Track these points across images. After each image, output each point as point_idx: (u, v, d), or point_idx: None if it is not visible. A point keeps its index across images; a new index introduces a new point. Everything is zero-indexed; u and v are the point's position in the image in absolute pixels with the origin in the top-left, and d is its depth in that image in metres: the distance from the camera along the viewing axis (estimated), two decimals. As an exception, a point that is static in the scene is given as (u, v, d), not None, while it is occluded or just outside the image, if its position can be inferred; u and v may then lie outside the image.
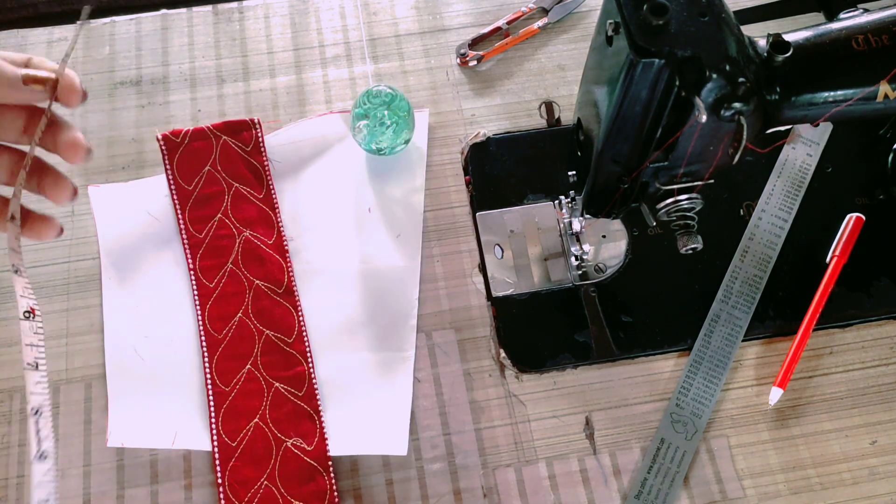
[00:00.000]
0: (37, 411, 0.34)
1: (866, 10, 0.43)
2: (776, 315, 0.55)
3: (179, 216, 0.57)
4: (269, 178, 0.59)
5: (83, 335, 0.54)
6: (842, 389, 0.53)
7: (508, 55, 0.65)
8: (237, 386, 0.52)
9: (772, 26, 0.65)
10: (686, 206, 0.44)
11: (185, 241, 0.56)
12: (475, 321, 0.55)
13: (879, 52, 0.41)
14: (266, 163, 0.59)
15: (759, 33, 0.42)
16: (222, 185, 0.58)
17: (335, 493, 0.49)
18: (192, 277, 0.55)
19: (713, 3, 0.38)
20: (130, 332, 0.54)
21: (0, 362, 0.53)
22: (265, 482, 0.49)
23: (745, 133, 0.38)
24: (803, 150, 0.60)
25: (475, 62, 0.63)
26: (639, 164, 0.43)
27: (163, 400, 0.52)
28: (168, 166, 0.58)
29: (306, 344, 0.53)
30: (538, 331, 0.55)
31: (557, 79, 0.64)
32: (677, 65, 0.37)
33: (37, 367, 0.35)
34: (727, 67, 0.37)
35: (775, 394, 0.52)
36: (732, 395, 0.53)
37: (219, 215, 0.57)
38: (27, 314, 0.36)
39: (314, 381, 0.52)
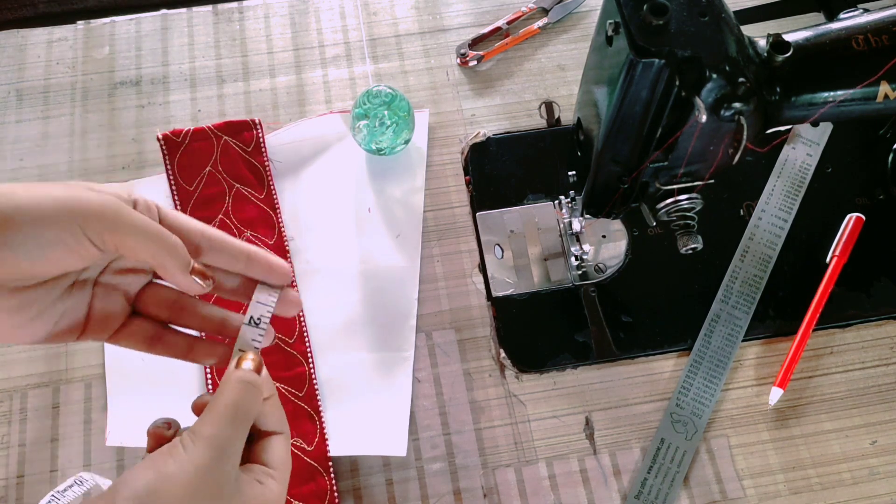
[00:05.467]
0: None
1: (866, 10, 0.43)
2: (776, 315, 0.55)
3: (180, 216, 0.57)
4: (269, 178, 0.59)
5: (83, 335, 0.54)
6: (842, 389, 0.53)
7: (508, 55, 0.65)
8: (237, 386, 0.52)
9: (772, 26, 0.65)
10: (686, 206, 0.44)
11: (185, 241, 0.56)
12: (475, 321, 0.55)
13: (879, 52, 0.41)
14: (267, 163, 0.59)
15: (759, 33, 0.42)
16: (223, 185, 0.58)
17: (335, 493, 0.49)
18: (192, 277, 0.55)
19: (713, 3, 0.38)
20: (130, 332, 0.54)
21: (0, 362, 0.53)
22: (265, 482, 0.49)
23: (745, 133, 0.38)
24: (803, 150, 0.60)
25: (475, 62, 0.63)
26: (639, 164, 0.43)
27: (162, 399, 0.52)
28: (168, 166, 0.58)
29: (307, 344, 0.53)
30: (538, 331, 0.55)
31: (557, 79, 0.64)
32: (677, 65, 0.37)
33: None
34: (727, 67, 0.37)
35: (775, 394, 0.52)
36: (732, 395, 0.53)
37: (220, 216, 0.57)
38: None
39: (314, 381, 0.52)
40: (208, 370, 0.52)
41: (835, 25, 0.42)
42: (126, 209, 0.31)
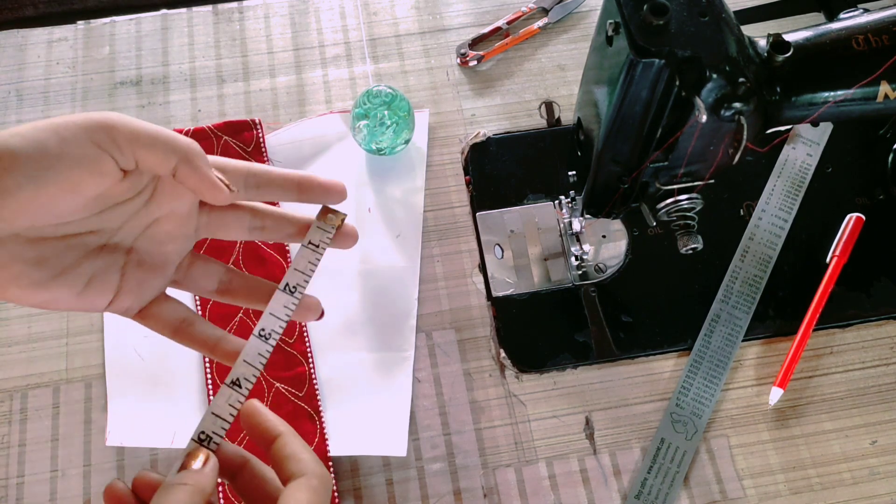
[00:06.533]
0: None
1: (866, 10, 0.43)
2: (776, 315, 0.55)
3: (179, 216, 0.57)
4: (269, 178, 0.59)
5: (83, 335, 0.54)
6: (842, 389, 0.53)
7: (508, 55, 0.65)
8: (237, 386, 0.52)
9: (772, 26, 0.65)
10: (686, 206, 0.44)
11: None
12: (475, 321, 0.55)
13: (879, 52, 0.41)
14: (267, 163, 0.59)
15: (759, 33, 0.42)
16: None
17: (335, 494, 0.49)
18: (193, 277, 0.55)
19: (713, 3, 0.38)
20: (130, 332, 0.54)
21: (0, 362, 0.53)
22: (265, 482, 0.49)
23: (745, 133, 0.38)
24: (803, 150, 0.60)
25: (475, 62, 0.63)
26: (639, 164, 0.43)
27: (162, 399, 0.52)
28: (168, 166, 0.58)
29: (307, 344, 0.53)
30: (538, 331, 0.55)
31: (557, 79, 0.64)
32: (677, 65, 0.37)
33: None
34: (727, 67, 0.37)
35: (775, 394, 0.52)
36: (732, 395, 0.53)
37: (219, 215, 0.57)
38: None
39: (315, 381, 0.52)
40: (208, 371, 0.52)
41: (835, 25, 0.42)
42: (134, 118, 0.29)
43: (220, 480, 0.32)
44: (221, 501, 0.49)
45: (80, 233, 0.30)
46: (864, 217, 0.57)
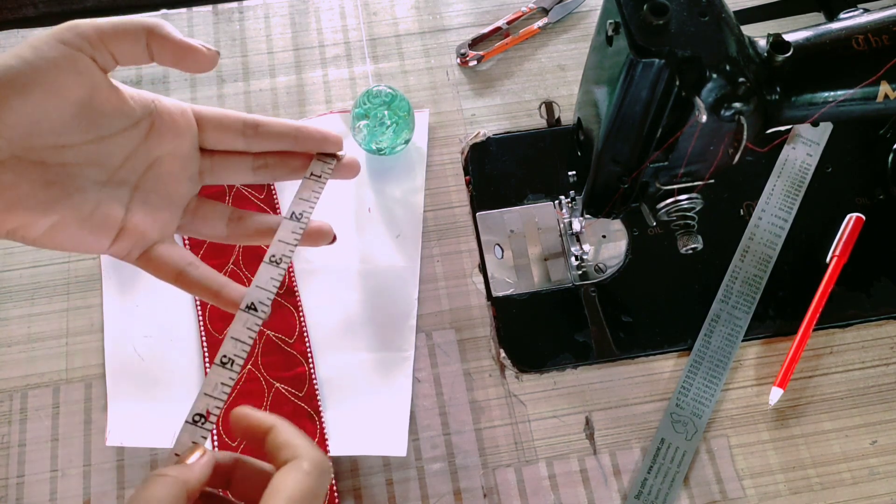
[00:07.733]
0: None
1: (866, 10, 0.43)
2: (776, 315, 0.55)
3: (179, 216, 0.57)
4: (269, 178, 0.59)
5: (83, 335, 0.54)
6: (842, 389, 0.53)
7: (508, 55, 0.65)
8: (237, 386, 0.52)
9: (772, 26, 0.65)
10: (686, 206, 0.44)
11: (186, 242, 0.56)
12: (475, 321, 0.55)
13: (879, 52, 0.41)
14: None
15: (759, 33, 0.42)
16: (223, 185, 0.57)
17: (335, 493, 0.49)
18: (193, 277, 0.55)
19: (713, 3, 0.38)
20: (130, 332, 0.54)
21: (0, 362, 0.53)
22: (265, 482, 0.49)
23: (745, 133, 0.38)
24: (803, 150, 0.60)
25: (475, 62, 0.63)
26: (639, 164, 0.43)
27: (162, 400, 0.52)
28: (168, 166, 0.58)
29: (307, 344, 0.53)
30: (538, 331, 0.55)
31: (557, 79, 0.64)
32: (677, 65, 0.37)
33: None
34: (727, 67, 0.37)
35: (775, 394, 0.52)
36: (732, 395, 0.53)
37: (219, 215, 0.57)
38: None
39: (314, 381, 0.52)
40: (209, 372, 0.52)
41: (835, 25, 0.42)
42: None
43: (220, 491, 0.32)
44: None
45: (80, 163, 0.31)
46: (864, 217, 0.57)
